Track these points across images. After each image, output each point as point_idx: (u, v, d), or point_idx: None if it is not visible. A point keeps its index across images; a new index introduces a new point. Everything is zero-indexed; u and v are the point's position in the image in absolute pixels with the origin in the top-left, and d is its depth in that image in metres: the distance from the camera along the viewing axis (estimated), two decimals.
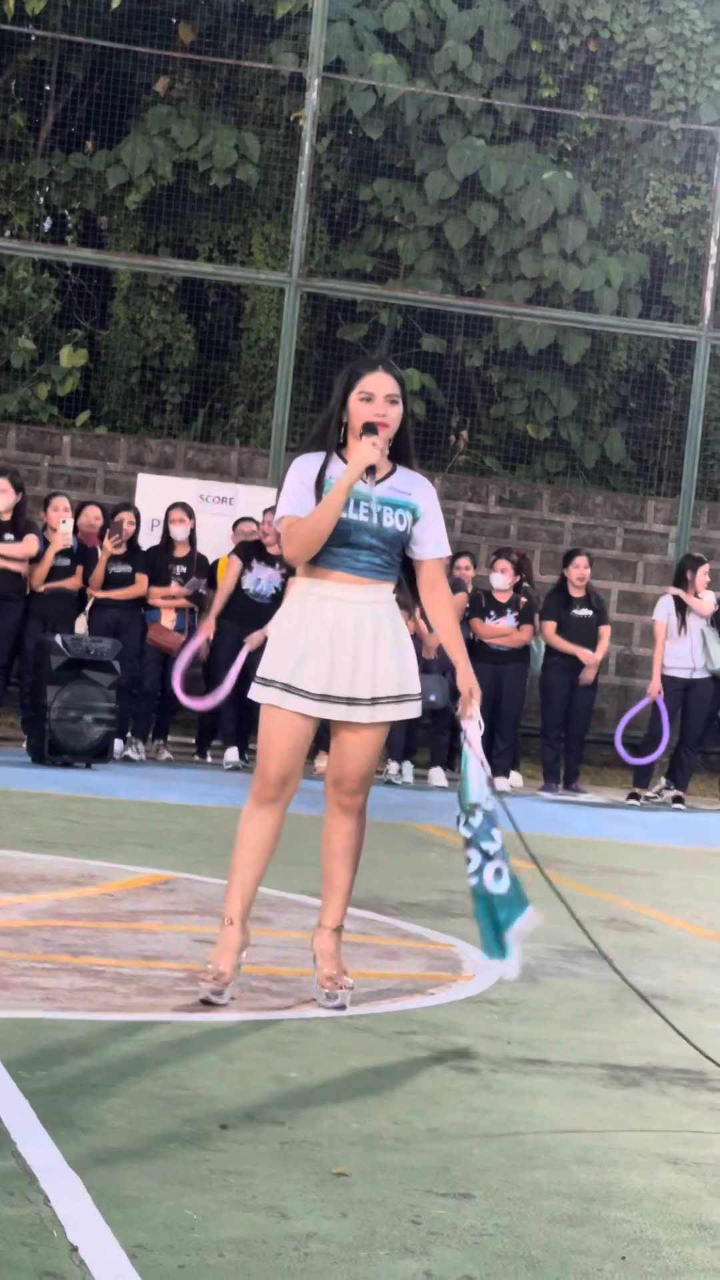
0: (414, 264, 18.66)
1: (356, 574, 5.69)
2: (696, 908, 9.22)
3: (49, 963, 6.06)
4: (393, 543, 5.72)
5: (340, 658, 5.65)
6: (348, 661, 5.65)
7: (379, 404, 5.68)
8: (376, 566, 5.71)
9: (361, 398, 5.70)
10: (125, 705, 13.89)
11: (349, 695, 5.67)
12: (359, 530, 5.66)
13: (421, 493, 5.78)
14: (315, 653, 5.64)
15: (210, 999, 5.63)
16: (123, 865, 8.48)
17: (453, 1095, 4.86)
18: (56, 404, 18.54)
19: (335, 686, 5.66)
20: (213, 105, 19.00)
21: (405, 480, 5.76)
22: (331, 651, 5.64)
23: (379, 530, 5.68)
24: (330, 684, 5.65)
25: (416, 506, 5.75)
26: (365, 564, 5.70)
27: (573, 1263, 3.60)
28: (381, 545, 5.69)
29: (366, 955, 6.73)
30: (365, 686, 5.67)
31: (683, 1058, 5.44)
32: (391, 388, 5.71)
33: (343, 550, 5.67)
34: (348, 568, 5.69)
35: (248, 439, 18.73)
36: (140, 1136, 4.19)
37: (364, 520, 5.67)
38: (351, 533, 5.66)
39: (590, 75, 18.87)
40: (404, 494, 5.73)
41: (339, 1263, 3.47)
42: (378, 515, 5.68)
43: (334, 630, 5.65)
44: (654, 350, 19.21)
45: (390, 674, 5.71)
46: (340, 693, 5.66)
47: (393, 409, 5.69)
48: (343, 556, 5.68)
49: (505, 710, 14.93)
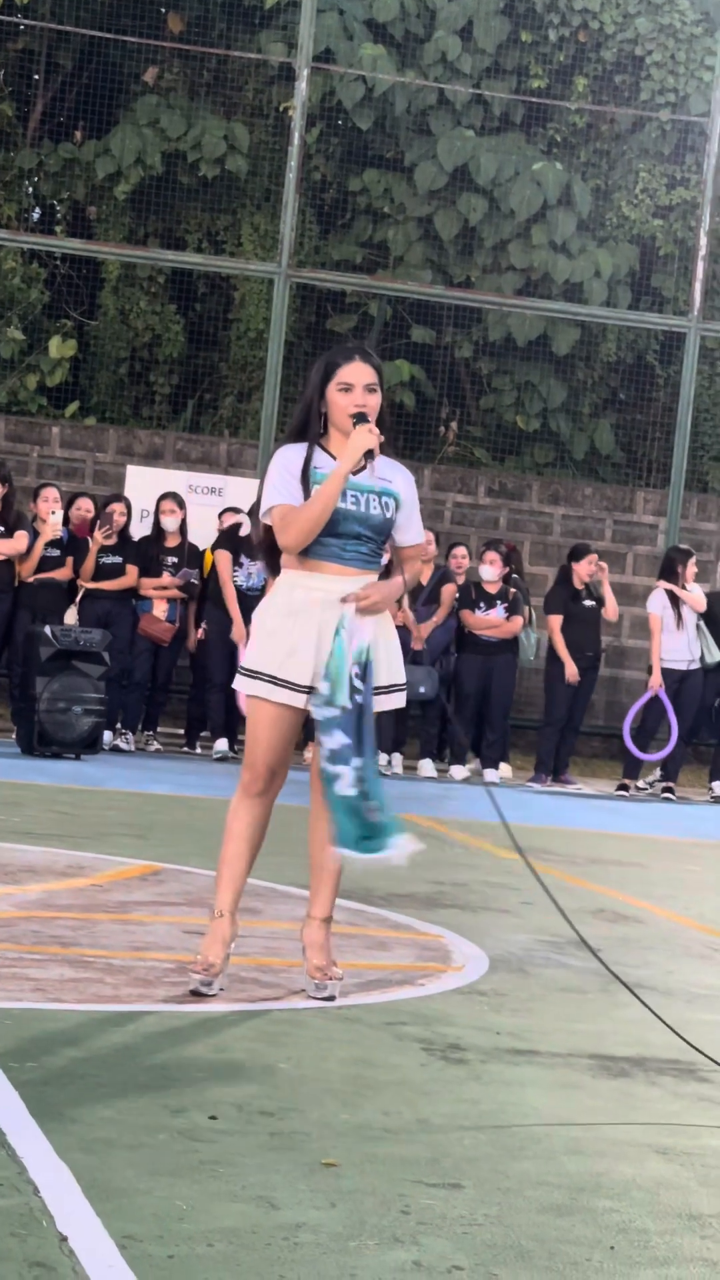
0: (403, 255, 18.65)
1: (345, 564, 5.67)
2: (685, 899, 9.23)
3: (38, 954, 6.06)
4: (379, 531, 5.70)
5: (327, 649, 5.64)
6: None
7: (358, 394, 5.65)
8: (364, 556, 5.70)
9: (340, 388, 5.67)
10: (115, 696, 13.89)
11: None
12: (348, 519, 5.65)
13: (402, 480, 5.78)
14: (304, 645, 5.63)
15: (200, 990, 5.63)
16: (112, 856, 8.48)
17: (442, 1086, 4.87)
18: (45, 395, 18.51)
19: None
20: (202, 95, 18.98)
21: (387, 468, 5.74)
22: (319, 643, 5.63)
23: (366, 518, 5.66)
24: (318, 676, 5.64)
25: (398, 495, 5.74)
26: (353, 554, 5.68)
27: (561, 1252, 3.61)
28: (369, 534, 5.68)
29: (356, 946, 6.73)
30: None
31: (672, 1048, 5.45)
32: (370, 377, 5.68)
33: (331, 540, 5.65)
34: (336, 558, 5.67)
35: (237, 430, 18.72)
36: (129, 1127, 4.19)
37: (352, 509, 5.65)
38: (341, 522, 5.64)
39: (580, 66, 18.85)
40: (386, 481, 5.72)
41: (328, 1253, 3.48)
42: (365, 503, 5.67)
43: (322, 622, 5.64)
44: (643, 341, 19.21)
45: (378, 665, 5.70)
46: None
47: (372, 398, 5.66)
48: (331, 547, 5.66)
49: (495, 702, 14.94)
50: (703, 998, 6.46)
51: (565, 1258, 3.58)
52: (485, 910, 8.00)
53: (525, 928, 7.58)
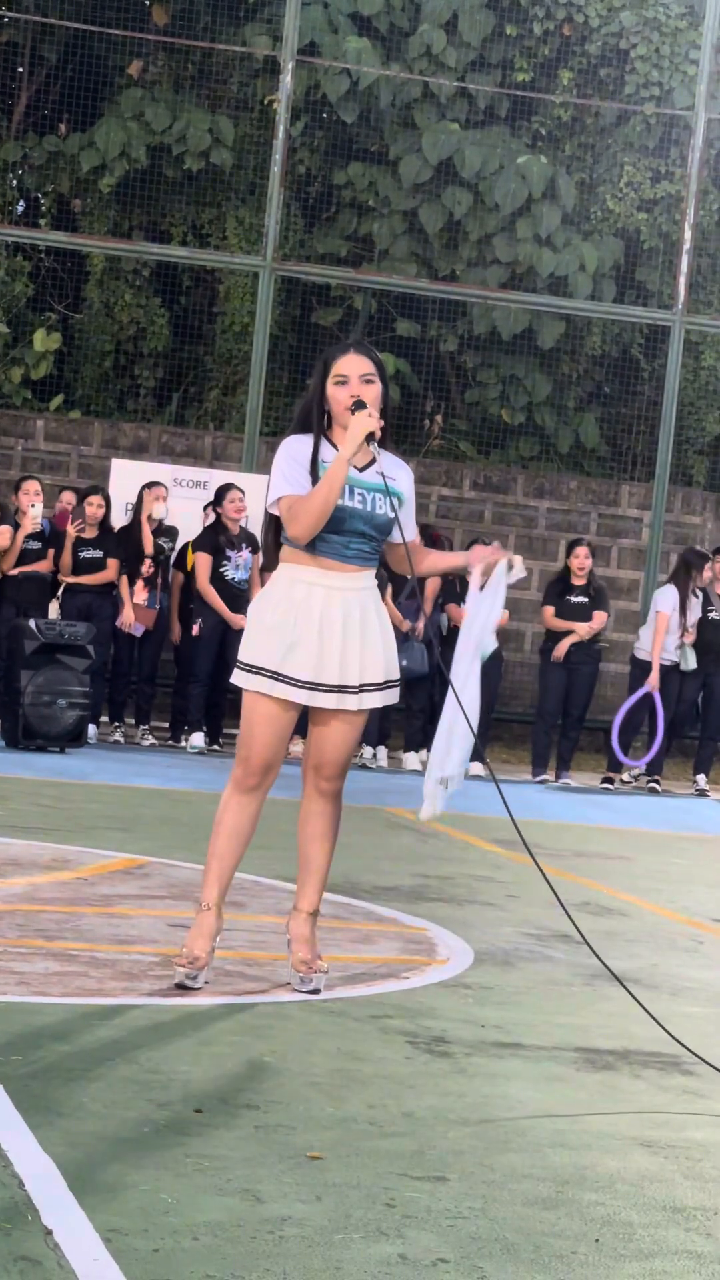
0: (388, 248, 18.64)
1: (345, 561, 5.67)
2: (670, 892, 9.24)
3: (23, 947, 6.05)
4: (382, 529, 5.70)
5: (329, 645, 5.64)
6: (336, 649, 5.64)
7: (354, 385, 5.66)
8: (364, 553, 5.70)
9: (336, 381, 5.68)
10: (99, 689, 13.86)
11: (339, 683, 5.66)
12: (353, 517, 5.64)
13: (404, 478, 5.78)
14: (305, 640, 5.62)
15: (185, 983, 5.63)
16: (97, 850, 8.48)
17: (427, 1079, 4.87)
18: (30, 388, 18.48)
19: (325, 674, 5.64)
20: (186, 88, 18.95)
21: (391, 465, 5.72)
22: (320, 639, 5.62)
23: (371, 517, 5.65)
24: (319, 672, 5.64)
25: (402, 494, 5.74)
26: (354, 551, 5.68)
27: (547, 1245, 3.61)
28: (373, 532, 5.68)
29: (341, 939, 6.74)
30: (354, 674, 5.67)
31: (656, 1041, 5.46)
32: (365, 367, 5.68)
33: (334, 538, 5.64)
34: (338, 555, 5.67)
35: (222, 423, 18.70)
36: (115, 1121, 4.19)
37: (357, 507, 5.64)
38: (346, 520, 5.63)
39: (565, 59, 18.84)
40: (391, 480, 5.69)
41: (314, 1246, 3.48)
42: (371, 502, 5.66)
43: (323, 618, 5.63)
44: (628, 335, 19.22)
45: (377, 661, 5.71)
46: (330, 680, 5.65)
47: (368, 388, 5.66)
48: (333, 543, 5.65)
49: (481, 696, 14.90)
50: (687, 990, 6.47)
51: (550, 1250, 3.59)
52: (470, 903, 8.01)
53: (510, 921, 7.59)
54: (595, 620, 14.91)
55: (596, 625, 14.94)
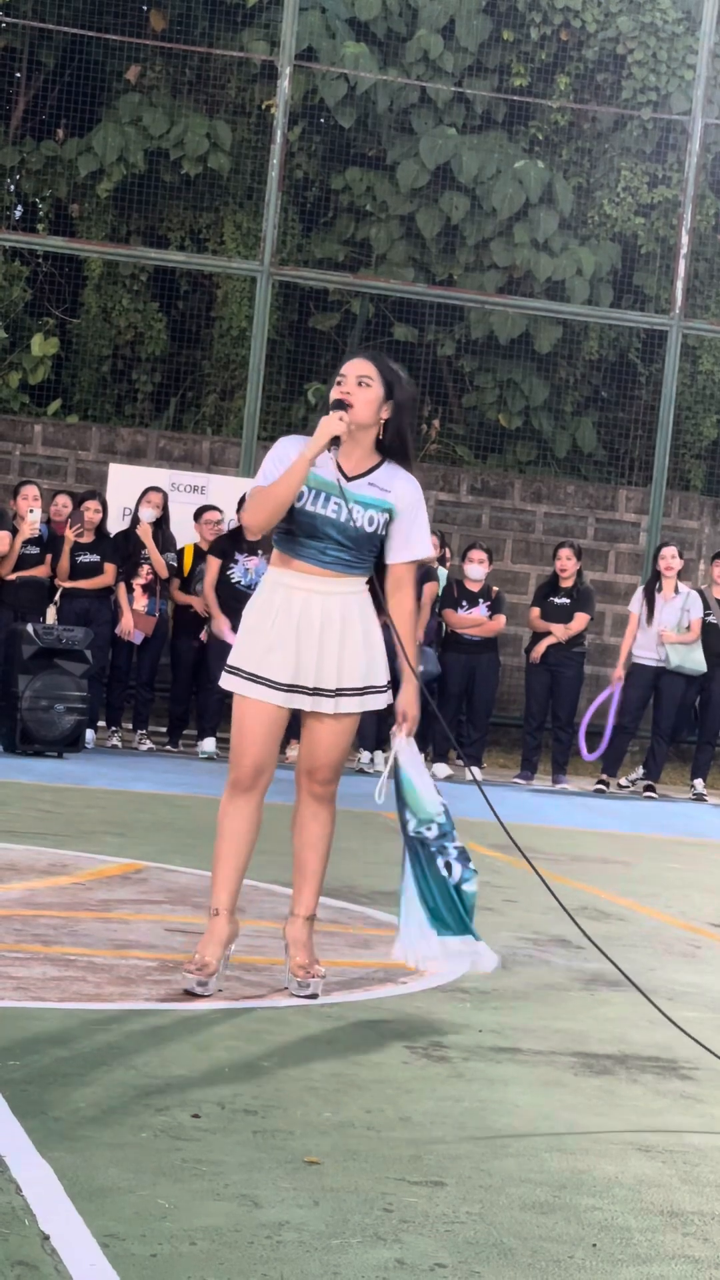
0: (386, 253, 18.65)
1: (324, 566, 5.67)
2: (667, 896, 9.24)
3: (21, 952, 6.05)
4: (360, 542, 5.66)
5: (306, 648, 5.64)
6: (313, 652, 5.64)
7: (348, 385, 5.67)
8: (345, 561, 5.68)
9: (335, 381, 5.71)
10: (96, 694, 13.86)
11: (314, 685, 5.66)
12: (325, 525, 5.63)
13: (401, 492, 5.69)
14: (282, 643, 5.63)
15: (195, 990, 5.62)
16: (94, 854, 8.47)
17: (424, 1084, 4.87)
18: (28, 392, 18.49)
19: (301, 676, 5.65)
20: (184, 93, 18.96)
21: (386, 477, 5.69)
22: (298, 641, 5.63)
23: (344, 528, 5.63)
24: (296, 674, 5.65)
25: (393, 507, 5.69)
26: (333, 558, 5.67)
27: (544, 1250, 3.61)
28: (347, 543, 5.64)
29: (338, 944, 6.74)
30: (330, 677, 5.67)
31: (653, 1045, 5.46)
32: (363, 369, 5.70)
33: (311, 543, 5.65)
34: (316, 560, 5.67)
35: (219, 428, 18.71)
36: (112, 1125, 4.19)
37: (331, 516, 5.63)
38: (318, 526, 5.63)
39: (562, 64, 18.86)
40: (382, 492, 5.66)
41: (311, 1251, 3.48)
42: (348, 512, 5.62)
43: (301, 621, 5.64)
44: (625, 340, 19.23)
45: (356, 666, 5.70)
46: (306, 683, 5.66)
47: (362, 390, 5.66)
48: (310, 548, 5.66)
49: (478, 701, 14.94)
50: (684, 995, 6.47)
51: (548, 1255, 3.59)
52: None
53: (507, 925, 7.59)
54: (575, 622, 14.92)
55: (575, 627, 14.94)
